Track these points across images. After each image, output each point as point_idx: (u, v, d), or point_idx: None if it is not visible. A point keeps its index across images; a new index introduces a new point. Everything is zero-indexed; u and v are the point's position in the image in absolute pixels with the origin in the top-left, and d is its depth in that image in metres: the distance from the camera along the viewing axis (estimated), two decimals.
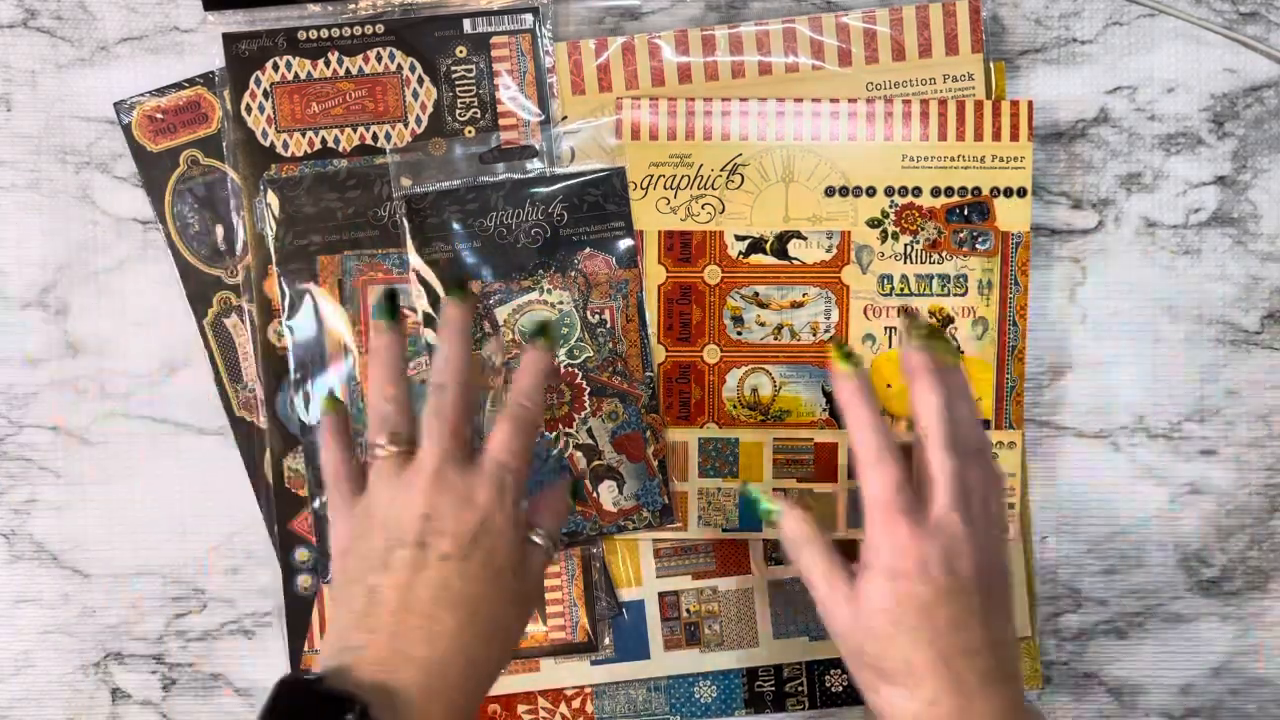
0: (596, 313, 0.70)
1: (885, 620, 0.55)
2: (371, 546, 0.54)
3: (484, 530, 0.54)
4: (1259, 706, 0.73)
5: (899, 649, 0.54)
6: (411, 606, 0.53)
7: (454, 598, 0.53)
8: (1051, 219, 0.72)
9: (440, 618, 0.53)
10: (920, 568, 0.54)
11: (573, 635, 0.71)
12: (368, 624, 0.53)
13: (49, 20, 0.71)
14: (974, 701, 0.54)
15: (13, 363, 0.72)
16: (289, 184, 0.70)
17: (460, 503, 0.54)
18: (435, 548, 0.54)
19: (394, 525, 0.54)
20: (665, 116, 0.69)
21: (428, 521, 0.54)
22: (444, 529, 0.54)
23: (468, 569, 0.54)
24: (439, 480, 0.55)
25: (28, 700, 0.73)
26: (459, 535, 0.54)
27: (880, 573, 0.55)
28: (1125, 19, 0.72)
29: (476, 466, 0.56)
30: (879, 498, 0.56)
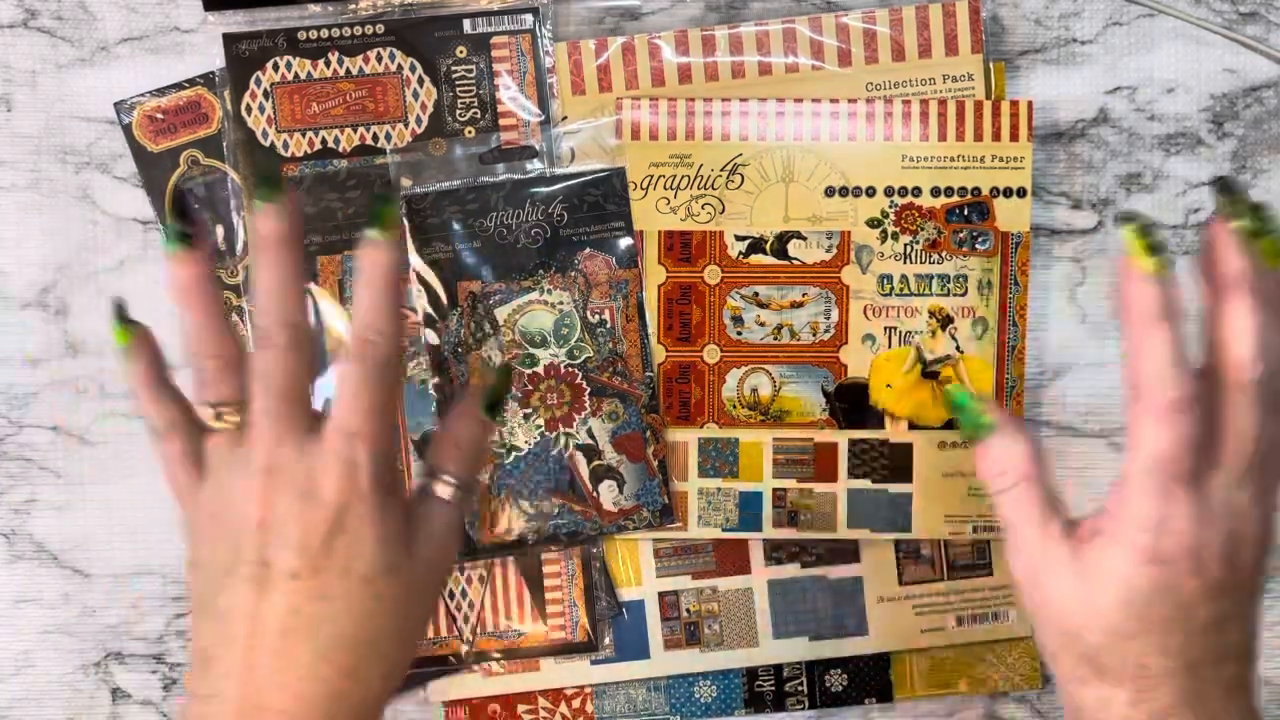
0: (596, 313, 0.70)
1: (1127, 611, 0.43)
2: (215, 560, 0.43)
3: (338, 529, 0.43)
4: None
5: (1136, 647, 0.43)
6: (258, 643, 0.42)
7: (308, 625, 0.42)
8: (1051, 219, 0.72)
9: (294, 654, 0.42)
10: (1193, 557, 0.43)
11: (573, 635, 0.71)
12: (218, 668, 0.42)
13: (49, 20, 0.71)
14: (1189, 710, 0.43)
15: (13, 363, 0.72)
16: (289, 184, 0.70)
17: (302, 500, 0.42)
18: (279, 565, 0.42)
19: (231, 535, 0.43)
20: (665, 116, 0.69)
21: (266, 532, 0.42)
22: (286, 539, 0.42)
23: (323, 585, 0.42)
24: (273, 473, 0.43)
25: (28, 700, 0.73)
26: (305, 546, 0.42)
27: (1135, 550, 0.43)
28: (1125, 19, 0.72)
29: (318, 443, 0.43)
30: (1160, 458, 0.43)
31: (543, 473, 0.70)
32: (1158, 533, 0.43)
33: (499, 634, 0.71)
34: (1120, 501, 0.44)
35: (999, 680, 0.72)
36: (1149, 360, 0.43)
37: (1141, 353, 0.43)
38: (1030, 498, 0.46)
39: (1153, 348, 0.43)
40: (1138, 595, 0.43)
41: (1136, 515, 0.43)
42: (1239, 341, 0.43)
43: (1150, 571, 0.43)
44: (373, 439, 0.43)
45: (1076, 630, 0.44)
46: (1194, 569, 0.42)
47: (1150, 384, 0.43)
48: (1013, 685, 0.72)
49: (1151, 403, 0.43)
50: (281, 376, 0.44)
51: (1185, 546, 0.42)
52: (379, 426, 0.44)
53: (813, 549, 0.72)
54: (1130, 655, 0.43)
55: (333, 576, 0.42)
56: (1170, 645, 0.43)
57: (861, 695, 0.72)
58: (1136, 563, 0.43)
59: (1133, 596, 0.43)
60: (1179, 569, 0.42)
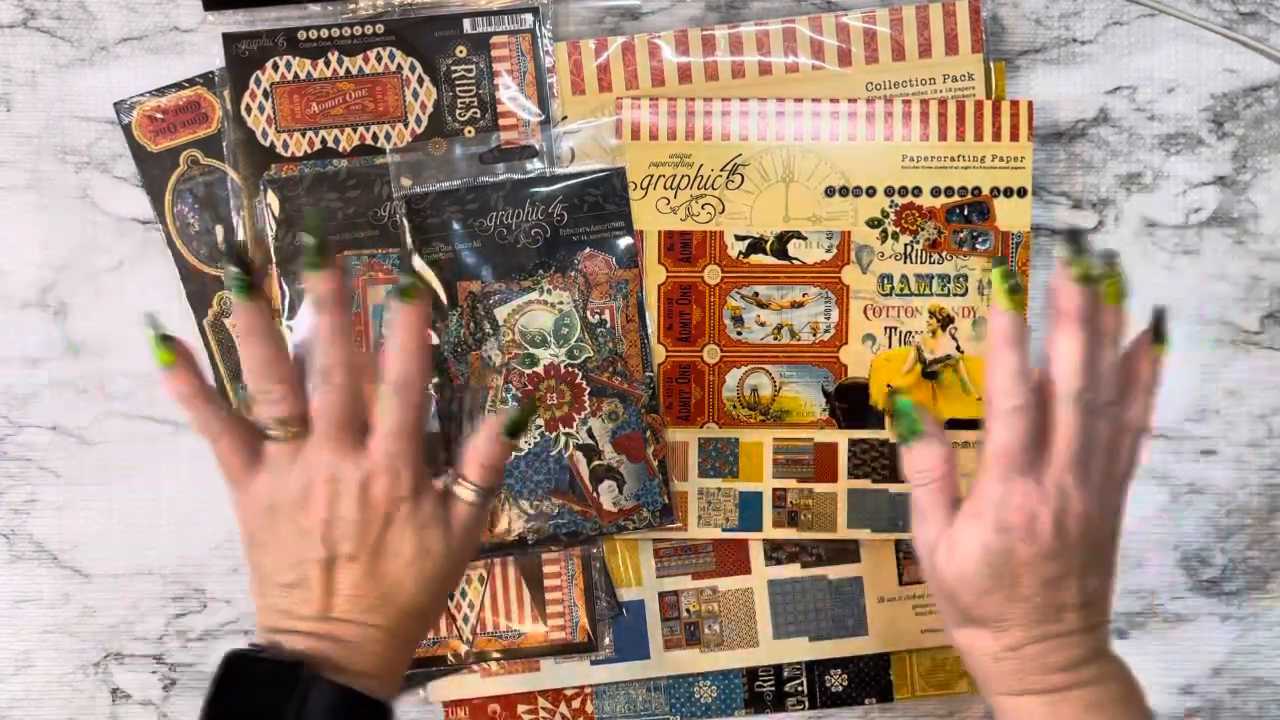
0: (596, 313, 0.70)
1: (983, 574, 0.55)
2: (282, 545, 0.56)
3: (386, 525, 0.55)
4: (1259, 706, 0.73)
5: (992, 601, 0.55)
6: (330, 604, 0.55)
7: (366, 590, 0.55)
8: (1051, 219, 0.72)
9: (357, 613, 0.55)
10: (1027, 526, 0.54)
11: (573, 635, 0.71)
12: (292, 614, 0.55)
13: (49, 20, 0.71)
14: (1056, 650, 0.55)
15: (13, 363, 0.72)
16: (289, 184, 0.70)
17: (358, 503, 0.55)
18: (342, 550, 0.55)
19: (298, 531, 0.55)
20: (665, 116, 0.69)
21: (329, 527, 0.55)
22: (346, 533, 0.55)
23: (377, 565, 0.55)
24: (334, 482, 0.55)
25: (28, 700, 0.73)
26: (362, 537, 0.55)
27: (987, 523, 0.55)
28: (1125, 19, 0.72)
29: (368, 457, 0.55)
30: (1001, 449, 0.55)
31: (543, 473, 0.70)
32: (1000, 508, 0.54)
33: (499, 634, 0.71)
34: (976, 486, 0.56)
35: None
36: (997, 375, 0.55)
37: (993, 369, 0.55)
38: (940, 492, 0.57)
39: (1001, 365, 0.55)
40: (990, 557, 0.55)
41: (985, 493, 0.55)
42: (1064, 361, 0.55)
43: (998, 538, 0.54)
44: (409, 455, 0.56)
45: (952, 590, 0.56)
46: (1028, 537, 0.54)
47: (997, 393, 0.55)
48: None
49: (997, 408, 0.55)
50: (339, 408, 0.55)
51: (1021, 519, 0.54)
52: (413, 444, 0.56)
53: (813, 549, 0.72)
54: (988, 606, 0.55)
55: (384, 561, 0.55)
56: (1017, 595, 0.55)
57: (861, 695, 0.72)
58: (988, 531, 0.55)
59: (987, 558, 0.55)
60: (1017, 535, 0.54)
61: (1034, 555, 0.54)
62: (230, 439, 0.56)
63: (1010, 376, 0.55)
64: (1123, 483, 0.58)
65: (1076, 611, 0.55)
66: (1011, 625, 0.55)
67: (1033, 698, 0.56)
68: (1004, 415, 0.55)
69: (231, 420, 0.56)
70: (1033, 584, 0.55)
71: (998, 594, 0.55)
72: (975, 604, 0.56)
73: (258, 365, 0.56)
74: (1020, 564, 0.54)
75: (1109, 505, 0.57)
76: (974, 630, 0.57)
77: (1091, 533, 0.55)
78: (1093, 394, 0.55)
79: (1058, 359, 0.55)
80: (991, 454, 0.55)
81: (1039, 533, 0.54)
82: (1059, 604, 0.55)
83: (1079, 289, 0.55)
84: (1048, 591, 0.55)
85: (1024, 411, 0.54)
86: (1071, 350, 0.55)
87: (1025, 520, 0.54)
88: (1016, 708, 0.56)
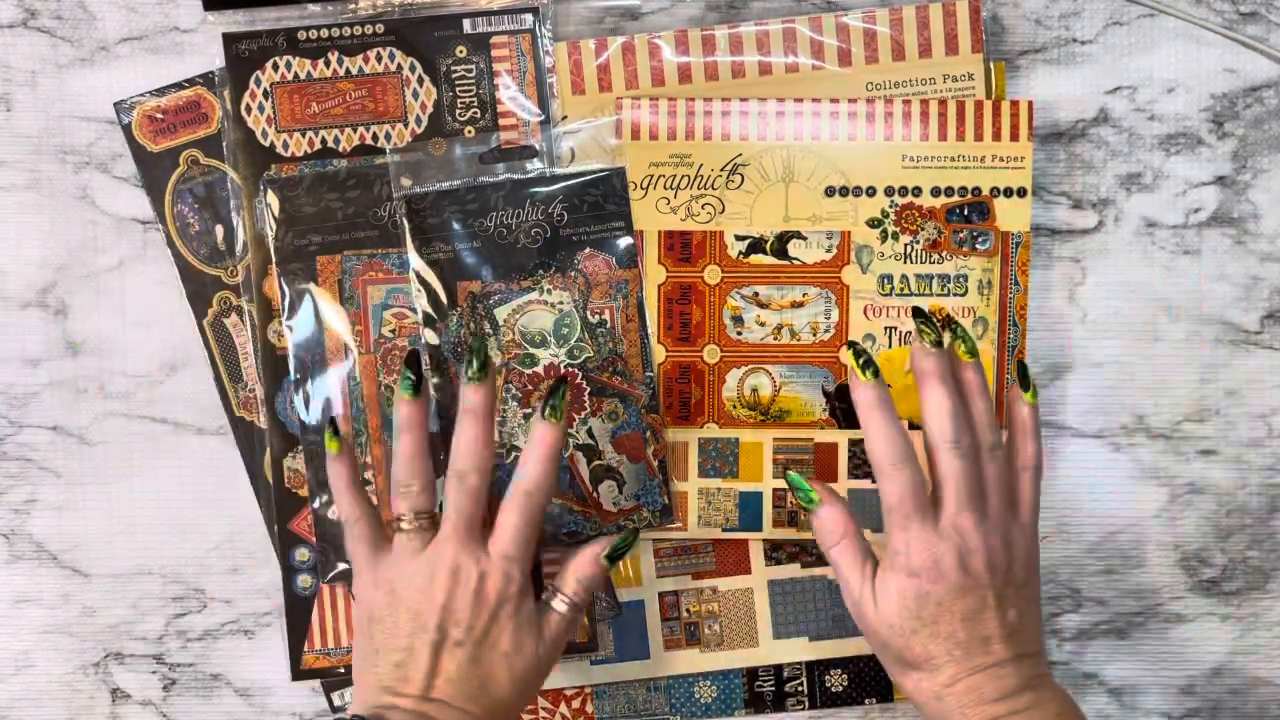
0: (596, 313, 0.70)
1: (905, 616, 0.59)
2: (397, 624, 0.61)
3: (493, 620, 0.61)
4: (1259, 706, 0.73)
5: (918, 641, 0.59)
6: (432, 685, 0.60)
7: (467, 676, 0.60)
8: (1051, 219, 0.72)
9: (456, 694, 0.60)
10: (933, 567, 0.59)
11: (573, 635, 0.71)
12: (394, 691, 0.60)
13: (49, 20, 0.71)
14: (990, 680, 0.59)
15: (13, 363, 0.72)
16: (289, 184, 0.70)
17: (473, 596, 0.61)
18: (452, 635, 0.60)
19: (416, 611, 0.61)
20: (665, 116, 0.69)
21: (446, 612, 0.61)
22: (460, 620, 0.60)
23: (478, 654, 0.61)
24: (456, 573, 0.61)
25: (28, 700, 0.73)
26: (473, 626, 0.61)
27: (899, 571, 0.60)
28: (1125, 19, 0.72)
29: (488, 557, 0.62)
30: (894, 503, 0.60)
31: None
32: (905, 554, 0.59)
33: None
34: (886, 542, 0.61)
35: None
36: (874, 438, 0.60)
37: (869, 434, 0.61)
38: (850, 549, 0.62)
39: (874, 429, 0.60)
40: (907, 601, 0.59)
41: (892, 545, 0.60)
42: (935, 415, 0.60)
43: (910, 583, 0.59)
44: (523, 560, 0.62)
45: (883, 639, 0.61)
46: (936, 577, 0.59)
47: (874, 453, 0.60)
48: None
49: (881, 468, 0.60)
50: (470, 507, 0.62)
51: (927, 559, 0.59)
52: (528, 550, 0.62)
53: (813, 549, 0.72)
54: (918, 647, 0.59)
55: (485, 650, 0.61)
56: (941, 636, 0.59)
57: (861, 695, 0.72)
58: (901, 578, 0.60)
59: (904, 602, 0.59)
60: (926, 577, 0.59)
61: (945, 593, 0.59)
62: (366, 525, 0.64)
63: (884, 438, 0.60)
64: (1027, 519, 0.62)
65: (1002, 642, 0.59)
66: (942, 663, 0.59)
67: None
68: (889, 471, 0.60)
69: (370, 509, 0.64)
70: (951, 621, 0.59)
71: (923, 634, 0.59)
72: (906, 647, 0.60)
73: (405, 460, 0.63)
74: (935, 603, 0.59)
75: (1014, 541, 0.61)
76: (914, 674, 0.60)
77: (998, 566, 0.60)
78: (970, 439, 0.60)
79: (929, 415, 0.60)
80: (888, 510, 0.60)
81: (945, 571, 0.59)
82: (982, 636, 0.59)
83: (933, 352, 0.61)
84: (968, 625, 0.59)
85: (905, 464, 0.60)
86: (940, 404, 0.60)
87: (929, 562, 0.59)
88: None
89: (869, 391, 0.61)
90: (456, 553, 0.61)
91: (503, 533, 0.62)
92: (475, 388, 0.62)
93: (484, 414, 0.62)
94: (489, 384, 0.62)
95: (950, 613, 0.59)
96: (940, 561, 0.59)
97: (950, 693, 0.59)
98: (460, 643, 0.60)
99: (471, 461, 0.62)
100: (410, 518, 0.62)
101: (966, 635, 0.59)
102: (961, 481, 0.60)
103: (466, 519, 0.62)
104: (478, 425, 0.62)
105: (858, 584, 0.61)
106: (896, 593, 0.60)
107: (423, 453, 0.63)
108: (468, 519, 0.62)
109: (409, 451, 0.63)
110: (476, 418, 0.62)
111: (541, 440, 0.62)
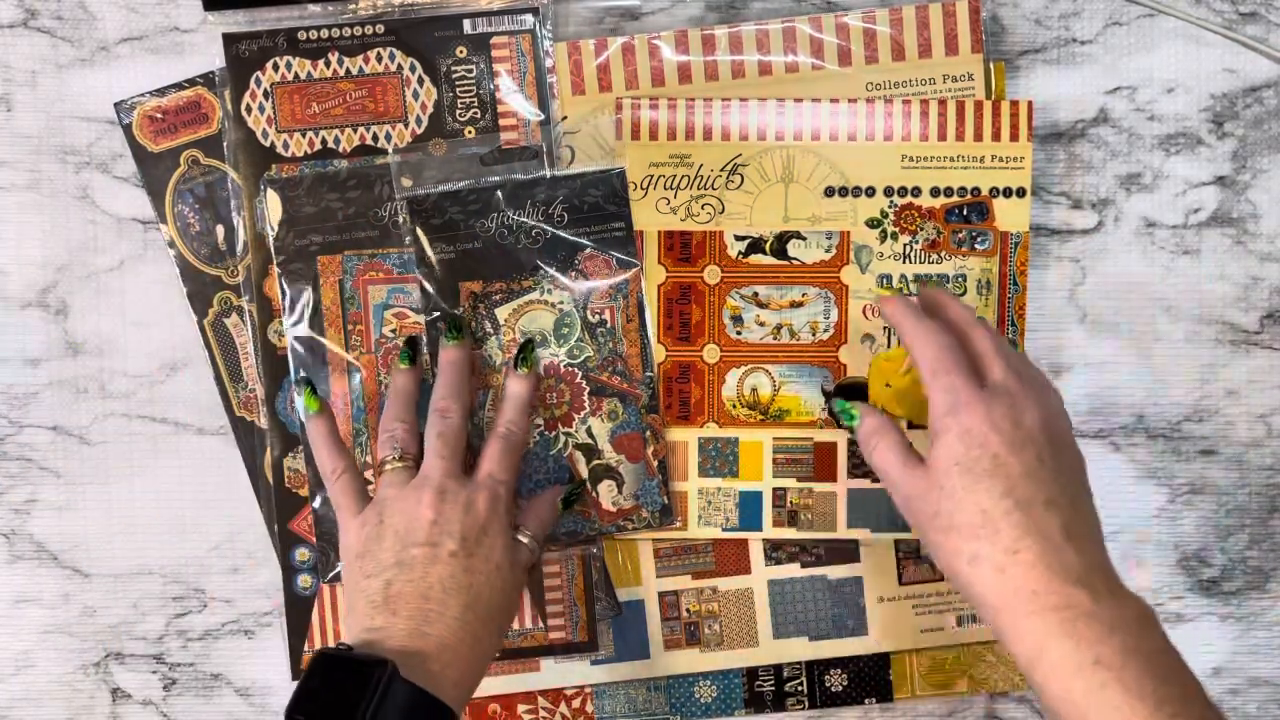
0: (596, 313, 0.70)
1: (959, 474, 0.56)
2: (385, 548, 0.61)
3: (483, 532, 0.62)
4: (1259, 706, 0.73)
5: (974, 500, 0.55)
6: (426, 595, 0.60)
7: (459, 587, 0.60)
8: (1051, 219, 0.72)
9: (449, 604, 0.60)
10: (986, 420, 0.56)
11: (573, 635, 0.71)
12: (388, 609, 0.60)
13: (49, 20, 0.71)
14: (1060, 552, 0.54)
15: (13, 363, 0.72)
16: (289, 184, 0.70)
17: (463, 510, 0.62)
18: (444, 546, 0.61)
19: (405, 530, 0.62)
20: (665, 116, 0.69)
21: (436, 526, 0.61)
22: (451, 531, 0.61)
23: (471, 564, 0.61)
24: (443, 493, 0.62)
25: (28, 700, 0.73)
26: (464, 536, 0.61)
27: (949, 433, 0.57)
28: (1125, 19, 0.72)
29: (473, 481, 0.64)
30: (937, 363, 0.58)
31: (542, 472, 0.70)
32: (956, 412, 0.57)
33: None
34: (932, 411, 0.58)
35: (999, 680, 0.72)
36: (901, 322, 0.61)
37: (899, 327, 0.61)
38: (889, 447, 0.60)
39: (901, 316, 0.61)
40: (961, 458, 0.56)
41: (939, 409, 0.58)
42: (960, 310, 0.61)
43: (963, 440, 0.56)
44: (508, 485, 0.65)
45: (934, 509, 0.57)
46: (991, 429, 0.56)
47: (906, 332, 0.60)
48: (1013, 685, 0.72)
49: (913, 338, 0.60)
50: (454, 439, 0.65)
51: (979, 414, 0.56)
52: (510, 478, 0.65)
53: (812, 549, 0.72)
54: (974, 507, 0.55)
55: (478, 560, 0.61)
56: (998, 492, 0.55)
57: (861, 695, 0.72)
58: (952, 439, 0.56)
59: (959, 460, 0.56)
60: (980, 432, 0.56)
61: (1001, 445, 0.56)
62: (350, 477, 0.65)
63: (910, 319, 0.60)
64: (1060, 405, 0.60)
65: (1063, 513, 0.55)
66: (1000, 524, 0.55)
67: (1050, 615, 0.53)
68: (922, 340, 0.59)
69: (353, 464, 0.66)
70: (1009, 477, 0.55)
71: (978, 490, 0.55)
72: (957, 508, 0.56)
73: (392, 412, 0.66)
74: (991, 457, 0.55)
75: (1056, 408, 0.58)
76: (970, 545, 0.55)
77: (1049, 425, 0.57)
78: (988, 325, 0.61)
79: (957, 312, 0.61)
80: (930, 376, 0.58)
81: (999, 424, 0.56)
82: (1044, 499, 0.55)
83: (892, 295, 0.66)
84: (1025, 483, 0.55)
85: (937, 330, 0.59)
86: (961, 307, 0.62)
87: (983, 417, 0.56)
88: (1035, 630, 0.53)
89: (892, 299, 0.62)
90: (442, 478, 0.63)
91: (487, 460, 0.65)
92: (453, 346, 0.68)
93: (461, 364, 0.67)
94: (465, 343, 0.68)
95: (1006, 466, 0.55)
96: (993, 415, 0.56)
97: (1016, 562, 0.54)
98: (454, 553, 0.61)
99: (452, 398, 0.66)
100: (394, 456, 0.65)
101: (1027, 493, 0.55)
102: (1000, 350, 0.58)
103: (451, 449, 0.64)
104: (456, 371, 0.67)
105: (899, 469, 0.59)
106: (947, 453, 0.56)
107: (410, 410, 0.67)
108: (451, 449, 0.64)
109: (397, 407, 0.67)
110: (455, 366, 0.67)
111: (515, 392, 0.67)
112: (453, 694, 0.58)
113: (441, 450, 0.64)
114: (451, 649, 0.59)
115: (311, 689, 0.56)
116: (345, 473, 0.65)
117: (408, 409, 0.67)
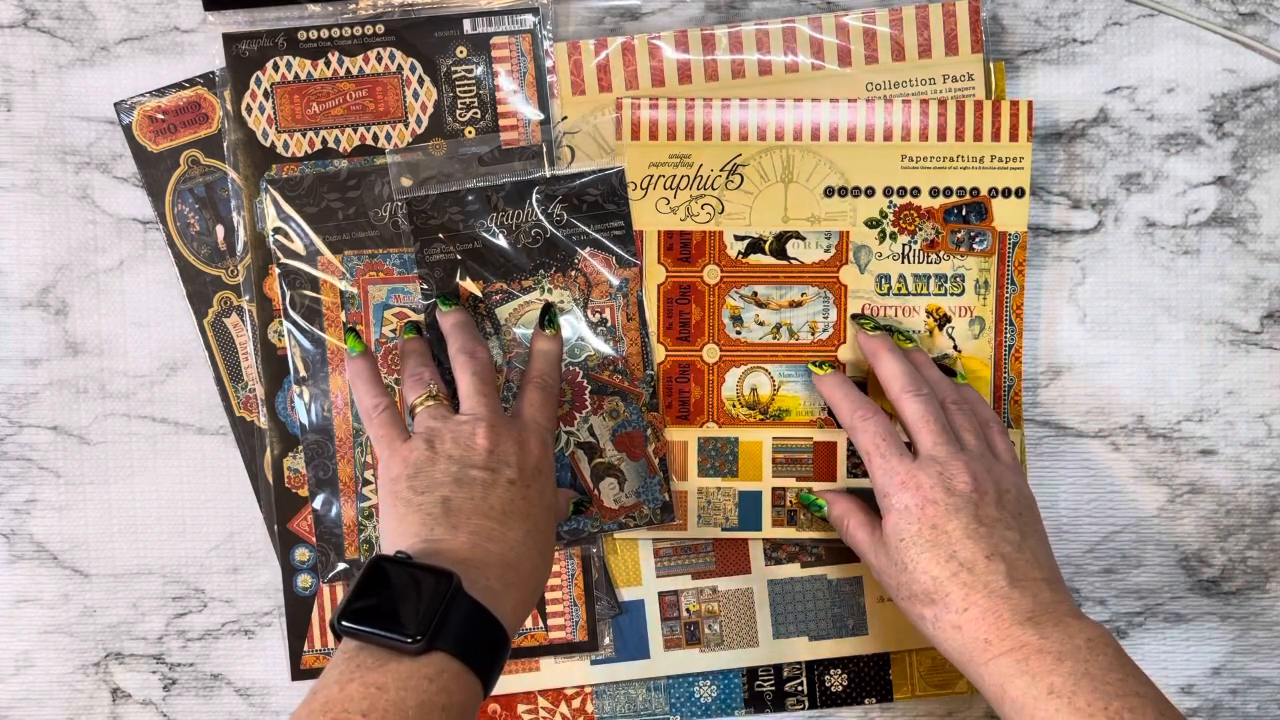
0: (597, 312, 0.70)
1: (905, 548, 0.61)
2: (440, 469, 0.60)
3: (536, 470, 0.62)
4: (1259, 706, 0.73)
5: (924, 569, 0.60)
6: (487, 513, 0.59)
7: (520, 512, 0.60)
8: (1051, 219, 0.72)
9: (512, 525, 0.59)
10: (918, 494, 0.61)
11: (573, 635, 0.71)
12: (448, 522, 0.59)
13: (49, 20, 0.71)
14: (1007, 599, 0.58)
15: (13, 363, 0.72)
16: (289, 184, 0.70)
17: (517, 445, 0.62)
18: (502, 473, 0.61)
19: (461, 455, 0.61)
20: (665, 116, 0.69)
21: (493, 455, 0.61)
22: (509, 461, 0.61)
23: (529, 494, 0.61)
24: (494, 427, 0.62)
25: (28, 700, 0.73)
26: (523, 468, 0.61)
27: (892, 512, 0.62)
28: (1125, 19, 0.72)
29: (521, 421, 0.64)
30: (871, 447, 0.63)
31: None
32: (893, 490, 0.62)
33: None
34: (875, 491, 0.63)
35: None
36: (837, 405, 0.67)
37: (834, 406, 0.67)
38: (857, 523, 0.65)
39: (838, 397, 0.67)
40: (904, 532, 0.61)
41: (879, 490, 0.63)
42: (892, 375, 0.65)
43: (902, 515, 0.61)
44: (550, 431, 0.65)
45: (896, 581, 0.61)
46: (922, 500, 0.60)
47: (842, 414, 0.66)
48: None
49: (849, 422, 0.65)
50: (487, 372, 0.65)
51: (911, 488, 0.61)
52: (552, 426, 0.65)
53: (813, 549, 0.72)
54: (924, 576, 0.60)
55: (535, 492, 0.61)
56: (941, 558, 0.59)
57: (861, 695, 0.72)
58: (894, 517, 0.61)
59: (903, 535, 0.61)
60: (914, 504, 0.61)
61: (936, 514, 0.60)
62: (390, 411, 0.65)
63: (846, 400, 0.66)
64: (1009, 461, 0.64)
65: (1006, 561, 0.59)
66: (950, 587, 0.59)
67: (1004, 658, 0.57)
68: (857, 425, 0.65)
69: (391, 404, 0.65)
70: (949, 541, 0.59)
71: (924, 559, 0.60)
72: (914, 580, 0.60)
73: (413, 362, 0.66)
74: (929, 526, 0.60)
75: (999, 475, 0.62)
76: (930, 611, 0.60)
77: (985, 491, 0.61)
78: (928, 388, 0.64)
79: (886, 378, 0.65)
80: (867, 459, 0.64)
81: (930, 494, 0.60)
82: (984, 555, 0.59)
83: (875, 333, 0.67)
84: (966, 545, 0.59)
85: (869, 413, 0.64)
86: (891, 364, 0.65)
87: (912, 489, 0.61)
88: (994, 674, 0.57)
89: (828, 378, 0.68)
90: (491, 414, 0.63)
91: (528, 406, 0.65)
92: (453, 310, 0.68)
93: (467, 322, 0.68)
94: (462, 308, 0.69)
95: (946, 533, 0.60)
96: (922, 487, 0.61)
97: (968, 619, 0.58)
98: (513, 481, 0.61)
99: (473, 343, 0.66)
100: (426, 394, 0.64)
101: (968, 554, 0.59)
102: (930, 420, 0.63)
103: (489, 385, 0.64)
104: (464, 328, 0.67)
105: (868, 545, 0.64)
106: (893, 531, 0.61)
107: (429, 360, 0.67)
108: (489, 385, 0.64)
109: (414, 361, 0.67)
110: (461, 325, 0.67)
111: (545, 349, 0.67)
112: (510, 619, 0.57)
113: (480, 387, 0.64)
114: (514, 569, 0.58)
115: (365, 596, 0.54)
116: (387, 409, 0.65)
117: (425, 361, 0.67)
